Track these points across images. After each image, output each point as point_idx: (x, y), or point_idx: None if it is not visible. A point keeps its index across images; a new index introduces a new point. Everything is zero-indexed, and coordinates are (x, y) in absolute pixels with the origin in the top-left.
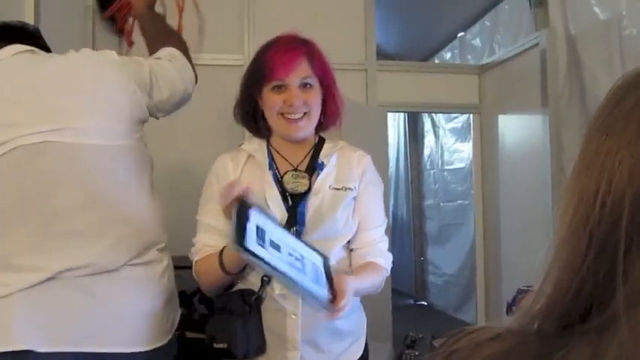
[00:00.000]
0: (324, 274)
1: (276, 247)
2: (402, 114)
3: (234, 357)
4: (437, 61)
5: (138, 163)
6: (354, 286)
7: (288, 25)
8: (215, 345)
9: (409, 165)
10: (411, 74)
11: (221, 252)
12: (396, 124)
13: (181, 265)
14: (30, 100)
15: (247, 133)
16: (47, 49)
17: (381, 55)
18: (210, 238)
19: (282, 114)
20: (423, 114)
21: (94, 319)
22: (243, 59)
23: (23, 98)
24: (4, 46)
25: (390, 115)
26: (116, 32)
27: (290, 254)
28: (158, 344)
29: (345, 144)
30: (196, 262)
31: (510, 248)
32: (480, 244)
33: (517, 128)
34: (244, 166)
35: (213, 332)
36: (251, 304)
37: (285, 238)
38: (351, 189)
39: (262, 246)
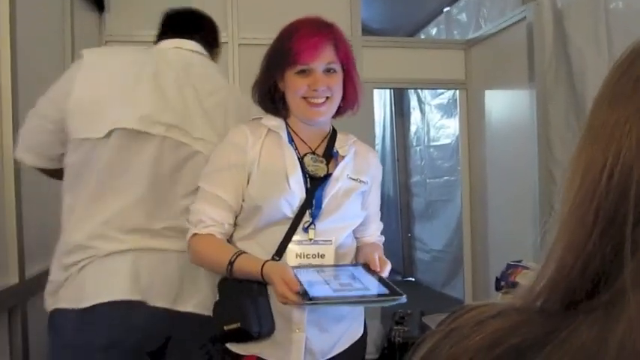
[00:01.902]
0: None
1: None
2: (387, 90)
3: (244, 339)
4: (423, 37)
5: None
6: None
7: (272, 2)
8: (226, 327)
9: (395, 142)
10: (397, 50)
11: (233, 260)
12: (382, 101)
13: None
14: (190, 107)
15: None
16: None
17: (366, 30)
18: (215, 212)
19: (305, 98)
20: (408, 90)
21: (182, 285)
22: (226, 37)
23: (184, 100)
24: (179, 37)
25: (375, 91)
26: (96, 8)
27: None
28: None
29: (355, 137)
30: (195, 234)
31: (497, 224)
32: (466, 219)
33: (504, 104)
34: (264, 141)
35: (224, 314)
36: (260, 284)
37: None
38: (364, 182)
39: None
